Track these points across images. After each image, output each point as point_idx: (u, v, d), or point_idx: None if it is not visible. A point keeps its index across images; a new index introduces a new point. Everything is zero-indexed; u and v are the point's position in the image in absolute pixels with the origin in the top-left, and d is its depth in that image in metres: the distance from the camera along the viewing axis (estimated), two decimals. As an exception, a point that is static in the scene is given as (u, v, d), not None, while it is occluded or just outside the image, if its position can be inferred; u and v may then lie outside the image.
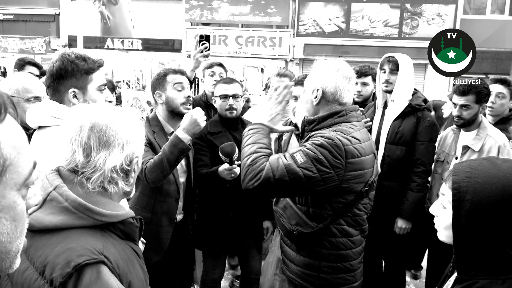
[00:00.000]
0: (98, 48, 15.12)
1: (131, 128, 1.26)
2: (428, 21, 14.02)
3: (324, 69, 2.05)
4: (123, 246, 1.21)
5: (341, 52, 14.19)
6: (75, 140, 1.19)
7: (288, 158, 1.82)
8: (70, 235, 1.11)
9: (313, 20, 14.55)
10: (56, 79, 1.84)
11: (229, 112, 2.83)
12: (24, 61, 4.56)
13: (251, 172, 1.82)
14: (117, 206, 1.24)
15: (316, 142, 1.83)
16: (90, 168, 1.18)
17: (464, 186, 1.12)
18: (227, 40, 14.85)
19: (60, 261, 1.04)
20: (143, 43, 15.50)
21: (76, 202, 1.13)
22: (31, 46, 15.66)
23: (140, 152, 1.30)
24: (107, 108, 1.28)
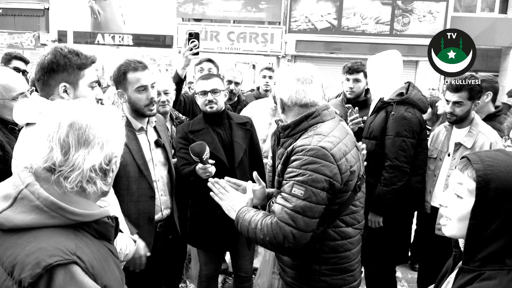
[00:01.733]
0: (88, 43, 14.94)
1: (112, 126, 1.23)
2: (419, 18, 14.08)
3: (278, 78, 2.08)
4: (97, 246, 1.18)
5: (332, 48, 14.21)
6: (52, 137, 1.14)
7: (289, 200, 1.78)
8: (41, 235, 1.07)
9: (305, 16, 14.53)
10: (47, 73, 1.80)
11: (209, 107, 2.83)
12: (11, 56, 4.50)
13: (272, 241, 1.79)
14: (91, 205, 1.20)
15: (302, 163, 1.79)
16: (68, 167, 1.14)
17: (489, 174, 1.16)
18: (218, 36, 14.77)
19: (30, 261, 1.00)
20: (134, 39, 15.35)
21: (48, 201, 1.09)
22: (20, 41, 15.42)
23: (120, 151, 1.26)
24: (88, 105, 1.24)
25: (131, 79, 2.42)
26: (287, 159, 1.88)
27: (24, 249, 1.04)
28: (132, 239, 1.78)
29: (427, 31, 13.91)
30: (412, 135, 3.01)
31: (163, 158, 2.61)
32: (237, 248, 2.97)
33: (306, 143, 1.84)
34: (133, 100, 2.43)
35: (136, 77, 2.42)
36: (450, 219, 1.27)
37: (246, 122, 2.96)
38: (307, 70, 2.00)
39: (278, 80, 2.06)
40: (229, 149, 2.82)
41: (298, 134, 1.95)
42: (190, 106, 3.66)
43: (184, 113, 3.58)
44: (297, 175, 1.79)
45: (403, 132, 3.00)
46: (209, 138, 2.76)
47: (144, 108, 2.44)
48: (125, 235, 1.75)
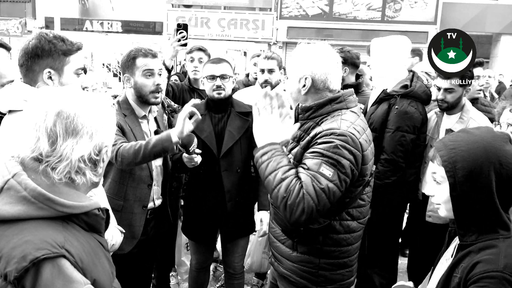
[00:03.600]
0: (76, 30, 14.71)
1: (102, 115, 1.17)
2: (411, 4, 14.04)
3: (311, 54, 1.90)
4: (87, 239, 1.14)
5: (324, 35, 14.13)
6: (39, 126, 1.09)
7: (318, 178, 1.69)
8: (28, 227, 1.02)
9: (297, 2, 14.41)
10: (31, 58, 1.75)
11: (216, 93, 2.72)
12: None
13: (291, 207, 1.68)
14: (81, 197, 1.15)
15: (331, 145, 1.71)
16: (55, 158, 1.08)
17: (452, 157, 1.27)
18: (209, 23, 14.61)
19: (16, 254, 0.96)
20: (123, 25, 15.13)
21: (36, 192, 1.05)
22: (6, 28, 15.12)
23: (110, 141, 1.21)
24: (76, 93, 1.18)
25: (139, 63, 2.40)
26: (309, 144, 1.79)
27: (10, 241, 1.00)
28: (119, 229, 1.75)
29: (419, 18, 13.90)
30: (412, 131, 2.95)
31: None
32: (226, 245, 2.93)
33: (335, 126, 1.76)
34: (139, 85, 2.40)
35: (145, 62, 2.40)
36: (440, 204, 1.37)
37: (248, 112, 2.80)
38: (336, 53, 1.92)
39: (310, 58, 1.88)
40: (222, 138, 2.77)
41: (319, 118, 1.86)
42: (180, 94, 3.60)
43: (174, 102, 3.53)
44: (324, 156, 1.70)
45: (404, 127, 2.93)
46: (205, 125, 2.70)
47: (149, 94, 2.41)
48: (112, 226, 1.72)
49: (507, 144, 1.26)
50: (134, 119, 2.43)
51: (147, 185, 2.45)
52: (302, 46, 1.95)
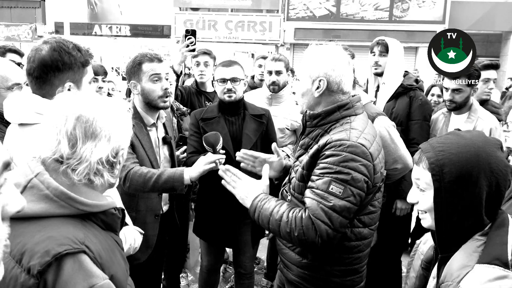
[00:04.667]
0: (85, 34, 14.86)
1: (118, 119, 1.22)
2: (418, 4, 13.97)
3: (325, 55, 1.84)
4: (104, 236, 1.19)
5: (332, 36, 14.11)
6: (60, 130, 1.14)
7: (326, 197, 1.66)
8: (50, 224, 1.07)
9: (304, 4, 14.41)
10: (50, 71, 1.64)
11: (227, 96, 2.72)
12: (5, 49, 4.45)
13: (300, 237, 1.68)
14: (99, 196, 1.21)
15: (340, 159, 1.66)
16: (75, 160, 1.14)
17: (440, 160, 1.16)
18: (216, 25, 14.67)
19: (39, 249, 1.01)
20: (131, 29, 15.26)
21: (58, 190, 1.10)
22: (17, 33, 15.34)
23: (126, 144, 1.26)
24: (94, 98, 1.23)
25: (145, 69, 2.36)
26: (318, 153, 1.74)
27: (33, 237, 1.04)
28: (139, 231, 1.78)
29: (426, 17, 13.82)
30: (430, 119, 3.19)
31: (168, 154, 2.60)
32: (238, 245, 2.92)
33: (343, 137, 1.70)
34: (146, 91, 2.37)
35: (151, 67, 2.37)
36: (425, 212, 1.26)
37: (262, 114, 2.83)
38: (347, 54, 1.88)
39: (325, 60, 1.82)
40: (238, 141, 2.77)
41: (328, 125, 1.81)
42: (188, 98, 3.64)
43: (183, 105, 3.56)
44: (334, 172, 1.66)
45: (428, 117, 3.15)
46: (220, 127, 2.70)
47: (158, 99, 2.37)
48: (132, 228, 1.75)
49: (499, 151, 1.18)
50: (141, 129, 2.39)
51: (157, 194, 2.45)
52: (314, 47, 1.88)
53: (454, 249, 1.17)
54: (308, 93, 1.85)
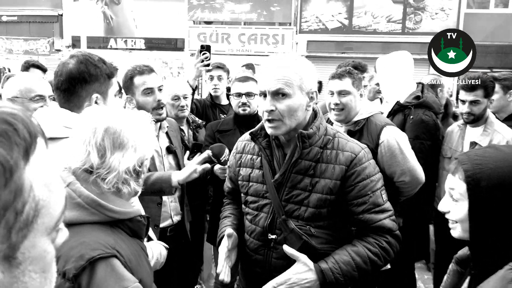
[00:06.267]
0: (101, 48, 15.13)
1: (143, 130, 1.29)
2: (431, 15, 13.94)
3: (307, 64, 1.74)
4: (131, 242, 1.25)
5: (344, 48, 14.15)
6: (89, 141, 1.21)
7: (387, 208, 1.71)
8: (82, 230, 1.13)
9: (316, 16, 14.50)
10: (78, 83, 1.67)
11: (242, 110, 2.86)
12: (29, 64, 4.60)
13: (393, 257, 1.70)
14: (126, 204, 1.28)
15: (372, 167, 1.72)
16: (104, 169, 1.21)
17: (478, 173, 1.13)
18: (229, 38, 14.83)
19: (74, 254, 1.07)
20: (146, 42, 15.51)
21: (89, 198, 1.16)
22: (36, 47, 15.71)
23: (150, 153, 1.33)
24: (120, 111, 1.31)
25: (137, 82, 2.42)
26: (344, 173, 1.67)
27: (67, 243, 1.08)
28: (164, 246, 1.81)
29: (440, 29, 13.71)
30: (429, 137, 3.04)
31: (174, 164, 2.61)
32: None
33: (355, 147, 1.73)
34: (140, 104, 2.42)
35: (142, 80, 2.42)
36: (456, 222, 1.24)
37: None
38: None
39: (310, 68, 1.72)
40: None
41: (320, 141, 1.72)
42: (203, 110, 3.70)
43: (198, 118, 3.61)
44: (377, 182, 1.71)
45: (421, 135, 3.02)
46: (235, 140, 2.76)
47: (152, 111, 2.38)
48: (157, 243, 1.80)
49: None
50: None
51: (156, 203, 2.44)
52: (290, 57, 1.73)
53: (489, 269, 1.11)
54: (301, 108, 1.68)
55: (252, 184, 1.83)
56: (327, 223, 1.71)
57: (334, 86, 2.63)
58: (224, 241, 1.78)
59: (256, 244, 1.82)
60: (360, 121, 2.60)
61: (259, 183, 1.81)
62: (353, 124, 2.62)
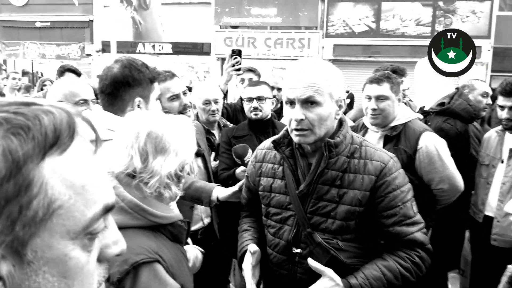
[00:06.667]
0: (129, 52, 15.43)
1: (184, 135, 1.30)
2: (462, 18, 13.63)
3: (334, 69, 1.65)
4: (173, 247, 1.25)
5: (371, 52, 13.99)
6: (132, 146, 1.22)
7: (418, 220, 1.63)
8: (125, 235, 1.12)
9: (343, 20, 14.40)
10: (121, 87, 1.71)
11: (253, 114, 2.85)
12: (64, 68, 4.71)
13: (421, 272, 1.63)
14: (167, 208, 1.28)
15: (401, 178, 1.63)
16: (147, 174, 1.21)
17: None
18: (255, 43, 14.88)
19: (117, 258, 1.07)
20: (173, 47, 15.74)
21: (132, 203, 1.17)
22: (67, 52, 16.17)
23: (190, 158, 1.33)
24: (161, 116, 1.32)
25: (162, 90, 2.41)
26: (373, 184, 1.59)
27: None
28: (200, 250, 1.83)
29: (470, 32, 13.35)
30: (449, 147, 2.90)
31: (202, 166, 2.64)
32: None
33: (384, 156, 1.65)
34: (167, 110, 2.42)
35: (166, 87, 2.45)
36: None
37: None
38: None
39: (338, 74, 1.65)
40: None
41: (347, 150, 1.64)
42: (233, 114, 3.71)
43: (229, 121, 3.63)
44: (407, 192, 1.64)
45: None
46: (252, 145, 2.77)
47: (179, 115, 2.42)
48: (194, 247, 1.81)
49: None
50: None
51: (189, 206, 2.46)
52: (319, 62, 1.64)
53: None
54: (330, 117, 1.60)
55: (275, 195, 1.75)
56: (356, 236, 1.62)
57: (372, 91, 2.58)
58: (248, 258, 1.70)
59: (280, 258, 1.73)
60: (398, 127, 2.55)
61: (282, 194, 1.72)
62: (390, 129, 2.58)
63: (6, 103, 0.52)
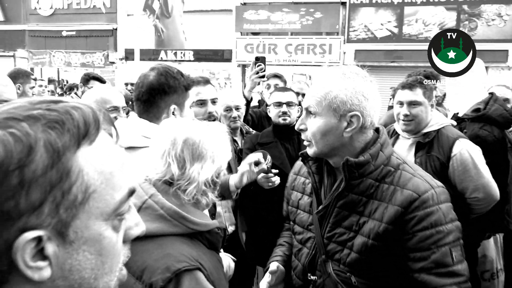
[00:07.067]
0: (152, 60, 15.66)
1: (220, 141, 1.30)
2: (487, 22, 13.34)
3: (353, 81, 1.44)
4: (210, 255, 1.25)
5: (393, 57, 13.81)
6: (169, 153, 1.22)
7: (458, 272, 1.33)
8: (165, 242, 1.15)
9: (364, 25, 14.28)
10: (157, 94, 1.73)
11: (282, 119, 2.83)
12: (89, 76, 4.82)
13: None
14: (205, 216, 1.28)
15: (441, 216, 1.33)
16: (185, 181, 1.22)
17: None
18: (276, 49, 14.90)
19: (159, 266, 1.08)
20: (194, 54, 15.90)
21: (171, 210, 1.17)
22: (92, 60, 16.52)
23: (225, 165, 1.33)
24: (197, 123, 1.33)
25: (191, 92, 2.46)
26: (400, 217, 1.35)
27: (151, 255, 1.11)
28: (232, 258, 1.82)
29: (496, 36, 13.16)
30: (486, 155, 2.81)
31: (227, 173, 2.63)
32: None
33: (421, 185, 1.37)
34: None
35: (197, 91, 2.46)
36: None
37: None
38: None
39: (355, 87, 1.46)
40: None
41: (377, 172, 1.42)
42: (258, 121, 3.71)
43: (254, 128, 3.63)
44: (447, 234, 1.33)
45: None
46: (277, 152, 2.75)
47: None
48: (226, 255, 1.80)
49: None
50: None
51: (211, 214, 2.43)
52: (334, 70, 1.50)
53: None
54: (333, 132, 1.43)
55: (299, 212, 1.63)
56: (374, 274, 1.40)
57: (404, 97, 2.54)
58: (266, 277, 1.60)
59: (297, 283, 1.61)
60: (431, 133, 2.50)
61: (306, 212, 1.60)
62: (423, 135, 2.52)
63: (37, 102, 0.58)
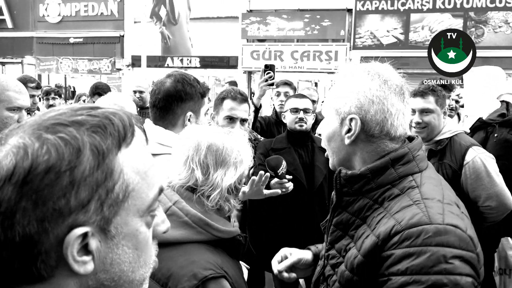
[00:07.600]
0: (158, 66, 15.75)
1: (242, 148, 1.30)
2: (494, 29, 13.31)
3: (362, 79, 1.22)
4: (233, 262, 1.24)
5: (400, 64, 13.77)
6: (192, 158, 1.23)
7: None
8: (190, 249, 1.15)
9: (370, 32, 14.29)
10: (174, 101, 1.73)
11: (298, 125, 2.84)
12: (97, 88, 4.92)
13: None
14: (228, 223, 1.28)
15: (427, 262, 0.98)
16: (208, 186, 1.22)
17: None
18: (282, 56, 14.93)
19: (185, 273, 1.08)
20: (200, 61, 15.97)
21: (196, 217, 1.17)
22: (98, 67, 16.63)
23: (247, 171, 1.33)
24: (218, 129, 1.34)
25: (225, 105, 2.48)
26: (378, 250, 1.08)
27: (176, 262, 1.11)
28: (245, 266, 1.81)
29: (504, 42, 13.12)
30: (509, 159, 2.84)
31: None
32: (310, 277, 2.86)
33: (420, 219, 1.03)
34: (220, 125, 2.46)
35: (231, 105, 2.47)
36: None
37: None
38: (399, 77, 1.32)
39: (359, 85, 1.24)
40: (309, 172, 2.79)
41: (379, 192, 1.17)
42: (267, 128, 3.71)
43: (263, 135, 3.63)
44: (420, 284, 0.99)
45: (505, 155, 2.85)
46: (291, 158, 2.76)
47: None
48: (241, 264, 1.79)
49: None
50: None
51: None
52: (349, 67, 1.31)
53: None
54: (336, 137, 1.27)
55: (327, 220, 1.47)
56: None
57: (416, 104, 2.53)
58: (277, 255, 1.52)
59: None
60: (443, 141, 2.49)
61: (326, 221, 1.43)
62: (435, 143, 2.51)
63: (77, 108, 0.63)
